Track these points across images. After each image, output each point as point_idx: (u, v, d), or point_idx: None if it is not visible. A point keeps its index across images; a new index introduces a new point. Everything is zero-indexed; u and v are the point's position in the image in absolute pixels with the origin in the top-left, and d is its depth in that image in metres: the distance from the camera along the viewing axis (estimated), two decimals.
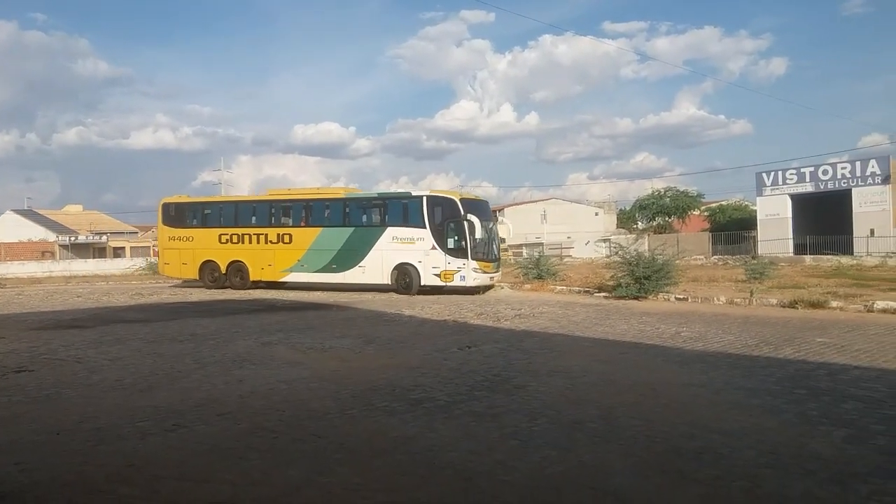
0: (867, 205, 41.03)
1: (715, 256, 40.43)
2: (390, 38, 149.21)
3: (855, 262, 31.57)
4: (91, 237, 58.81)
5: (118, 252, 58.48)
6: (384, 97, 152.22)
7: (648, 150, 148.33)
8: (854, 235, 40.10)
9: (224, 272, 23.43)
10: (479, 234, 19.57)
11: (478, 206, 21.30)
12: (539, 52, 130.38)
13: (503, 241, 27.44)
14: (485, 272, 20.23)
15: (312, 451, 5.10)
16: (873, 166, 41.27)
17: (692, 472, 4.54)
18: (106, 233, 62.45)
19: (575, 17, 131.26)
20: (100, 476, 4.62)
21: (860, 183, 41.72)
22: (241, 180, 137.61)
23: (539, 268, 23.49)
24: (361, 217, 22.18)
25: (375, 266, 20.89)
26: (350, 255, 21.33)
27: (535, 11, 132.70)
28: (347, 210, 22.27)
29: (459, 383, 7.37)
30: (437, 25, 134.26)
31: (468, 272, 19.71)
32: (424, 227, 20.28)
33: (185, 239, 24.38)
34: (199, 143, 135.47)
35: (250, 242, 23.09)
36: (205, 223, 24.45)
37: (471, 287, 20.16)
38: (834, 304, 14.74)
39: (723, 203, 60.01)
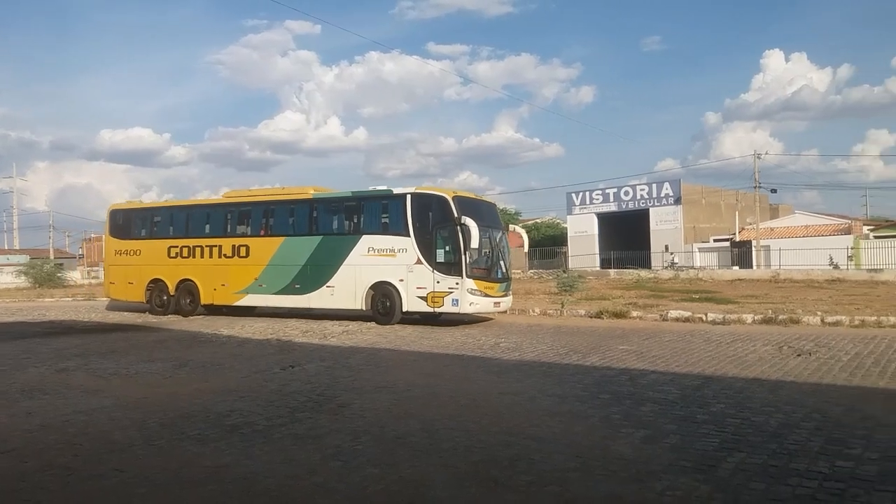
0: (662, 223, 45.62)
1: (531, 271, 42.67)
2: (209, 44, 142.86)
3: (653, 275, 34.75)
4: None
5: None
6: (203, 104, 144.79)
7: (471, 169, 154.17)
8: (652, 251, 44.30)
9: (173, 293, 19.14)
10: (477, 243, 15.04)
11: (479, 207, 16.64)
12: (366, 67, 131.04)
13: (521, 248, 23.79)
14: (487, 295, 15.61)
15: (112, 487, 4.67)
16: (667, 188, 45.99)
17: (507, 479, 4.69)
18: None
19: (401, 36, 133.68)
20: None
21: (656, 203, 46.29)
22: (38, 189, 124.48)
23: None
24: (331, 223, 17.81)
25: (347, 285, 16.56)
26: (316, 272, 17.07)
27: (362, 27, 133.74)
28: (315, 214, 17.84)
29: (280, 405, 7.13)
30: (260, 34, 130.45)
31: (462, 294, 15.07)
32: (408, 235, 15.82)
33: (132, 253, 20.15)
34: None
35: (202, 256, 18.89)
36: (153, 234, 20.29)
37: (467, 315, 15.96)
38: (634, 314, 16.13)
39: (538, 221, 63.80)
